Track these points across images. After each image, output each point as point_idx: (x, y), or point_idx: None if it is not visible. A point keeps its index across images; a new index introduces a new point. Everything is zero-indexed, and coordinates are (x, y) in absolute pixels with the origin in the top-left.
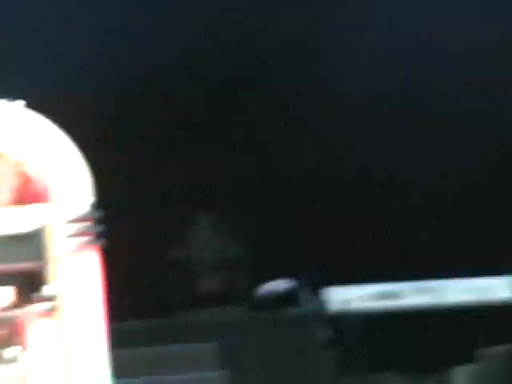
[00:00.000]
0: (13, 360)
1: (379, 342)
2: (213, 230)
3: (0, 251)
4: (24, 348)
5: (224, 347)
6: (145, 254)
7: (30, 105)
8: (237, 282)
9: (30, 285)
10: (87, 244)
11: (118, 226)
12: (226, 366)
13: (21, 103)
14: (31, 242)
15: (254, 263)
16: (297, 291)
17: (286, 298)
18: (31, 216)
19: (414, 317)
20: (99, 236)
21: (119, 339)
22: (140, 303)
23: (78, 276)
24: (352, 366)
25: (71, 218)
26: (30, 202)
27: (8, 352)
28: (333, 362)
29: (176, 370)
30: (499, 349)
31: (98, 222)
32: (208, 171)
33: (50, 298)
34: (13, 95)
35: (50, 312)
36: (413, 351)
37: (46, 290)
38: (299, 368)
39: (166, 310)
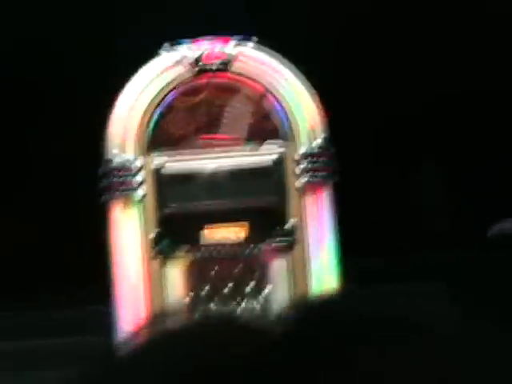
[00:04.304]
0: (251, 296)
1: None
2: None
3: (235, 186)
4: (261, 284)
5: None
6: (374, 192)
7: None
8: (465, 224)
9: (265, 220)
10: (321, 180)
11: (350, 162)
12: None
13: (254, 40)
14: (266, 178)
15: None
16: None
17: None
18: (266, 151)
19: None
20: (333, 172)
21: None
22: (369, 242)
23: (312, 212)
24: None
25: (305, 154)
26: (266, 138)
27: (246, 288)
28: None
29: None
30: None
31: (332, 157)
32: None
33: (285, 234)
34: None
35: (286, 248)
36: None
37: (281, 226)
38: None
39: (394, 251)
